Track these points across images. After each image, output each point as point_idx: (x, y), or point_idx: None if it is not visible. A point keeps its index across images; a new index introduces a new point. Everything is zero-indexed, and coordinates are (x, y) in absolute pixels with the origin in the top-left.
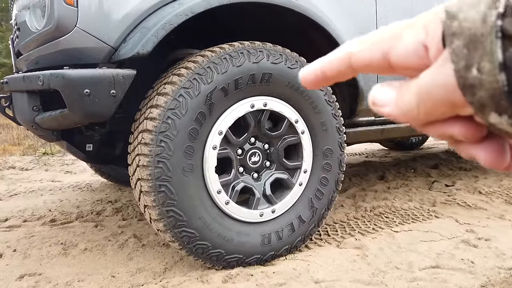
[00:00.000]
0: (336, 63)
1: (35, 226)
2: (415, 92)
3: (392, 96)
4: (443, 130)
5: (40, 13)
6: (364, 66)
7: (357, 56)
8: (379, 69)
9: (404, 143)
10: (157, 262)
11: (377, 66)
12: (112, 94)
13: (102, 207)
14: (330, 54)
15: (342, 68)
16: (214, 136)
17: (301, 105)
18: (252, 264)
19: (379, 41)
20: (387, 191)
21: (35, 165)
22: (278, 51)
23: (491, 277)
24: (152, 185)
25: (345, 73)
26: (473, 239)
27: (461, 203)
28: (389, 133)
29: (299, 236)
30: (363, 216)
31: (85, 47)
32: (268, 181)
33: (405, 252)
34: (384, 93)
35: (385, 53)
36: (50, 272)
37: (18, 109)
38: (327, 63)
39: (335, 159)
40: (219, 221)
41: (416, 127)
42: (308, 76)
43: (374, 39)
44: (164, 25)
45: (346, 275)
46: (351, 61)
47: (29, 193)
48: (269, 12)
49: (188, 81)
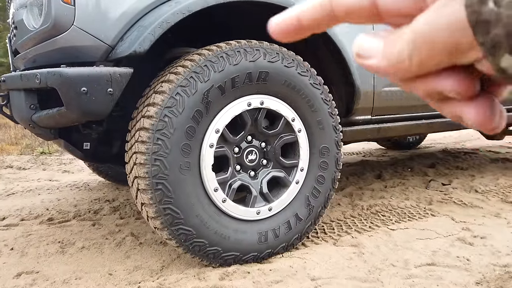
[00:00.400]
0: (315, 9)
1: (33, 224)
2: (408, 39)
3: (379, 46)
4: (433, 85)
5: (37, 12)
6: (346, 12)
7: (340, 0)
8: (364, 16)
9: (402, 142)
10: (154, 260)
11: (361, 11)
12: (109, 92)
13: (100, 206)
14: (307, 1)
15: (321, 15)
16: (211, 134)
17: (297, 103)
18: (249, 262)
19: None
20: (384, 189)
21: (33, 164)
22: (274, 50)
23: (486, 274)
24: (149, 183)
25: (324, 21)
26: (468, 237)
27: (458, 202)
28: (386, 132)
29: (296, 234)
30: (359, 214)
31: (82, 45)
32: (265, 179)
33: (401, 250)
34: (370, 43)
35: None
36: (47, 270)
37: (16, 108)
38: (305, 10)
39: (331, 158)
40: (216, 219)
41: (402, 83)
42: (280, 24)
43: None
44: (161, 24)
45: (343, 272)
46: (332, 5)
47: (26, 192)
48: (265, 10)
49: (185, 79)
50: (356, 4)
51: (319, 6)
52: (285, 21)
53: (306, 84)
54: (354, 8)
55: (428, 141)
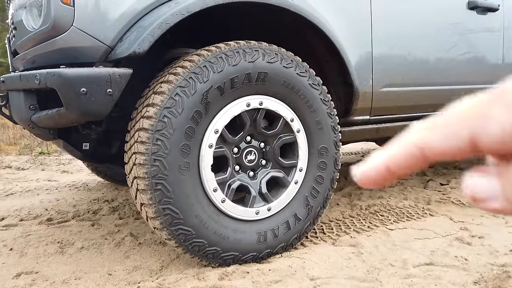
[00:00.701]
0: (404, 158)
1: (32, 225)
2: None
3: (495, 188)
4: None
5: (36, 12)
6: (443, 155)
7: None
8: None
9: None
10: (153, 260)
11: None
12: (109, 93)
13: (99, 206)
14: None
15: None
16: (210, 134)
17: (296, 104)
18: (248, 262)
19: (456, 125)
20: (382, 190)
21: (31, 164)
22: (273, 51)
23: (484, 274)
24: (149, 183)
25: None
26: (467, 236)
27: (456, 202)
28: (385, 132)
29: (295, 234)
30: (358, 214)
31: (82, 46)
32: (264, 179)
33: (399, 250)
34: (485, 185)
35: (469, 138)
36: (46, 270)
37: (15, 108)
38: (392, 158)
39: (330, 158)
40: (215, 219)
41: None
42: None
43: (448, 123)
44: (160, 25)
45: (341, 272)
46: (425, 152)
47: (25, 193)
48: (265, 12)
49: (184, 80)
50: (454, 148)
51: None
52: (374, 171)
53: (305, 84)
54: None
55: None
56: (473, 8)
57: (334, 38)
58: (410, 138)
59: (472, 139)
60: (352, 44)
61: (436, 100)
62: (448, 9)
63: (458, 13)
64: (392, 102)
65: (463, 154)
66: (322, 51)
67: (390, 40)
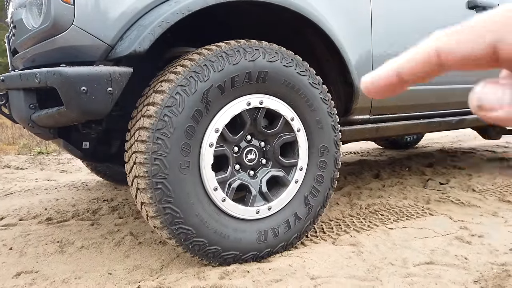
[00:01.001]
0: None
1: (31, 224)
2: None
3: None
4: None
5: (36, 11)
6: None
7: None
8: (478, 64)
9: (399, 141)
10: (153, 259)
11: (477, 60)
12: (109, 91)
13: (98, 206)
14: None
15: (426, 68)
16: (210, 133)
17: (296, 103)
18: (248, 261)
19: (479, 30)
20: (382, 189)
21: (30, 164)
22: (274, 49)
23: (484, 273)
24: (149, 182)
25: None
26: (466, 235)
27: (455, 201)
28: (384, 131)
29: (295, 233)
30: (358, 213)
31: (82, 45)
32: (264, 178)
33: (399, 249)
34: (494, 94)
35: (490, 45)
36: (46, 270)
37: (15, 107)
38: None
39: (330, 157)
40: (215, 218)
41: None
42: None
43: (471, 29)
44: (160, 23)
45: (342, 271)
46: (442, 57)
47: (24, 192)
48: (265, 11)
49: (185, 79)
50: (473, 54)
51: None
52: (383, 78)
53: (305, 83)
54: (470, 57)
55: (426, 140)
56: (472, 7)
57: (334, 37)
58: (428, 43)
59: (493, 46)
60: (352, 43)
61: (436, 99)
62: (448, 8)
63: (458, 12)
64: (392, 101)
65: (480, 63)
66: (322, 50)
67: (390, 38)
